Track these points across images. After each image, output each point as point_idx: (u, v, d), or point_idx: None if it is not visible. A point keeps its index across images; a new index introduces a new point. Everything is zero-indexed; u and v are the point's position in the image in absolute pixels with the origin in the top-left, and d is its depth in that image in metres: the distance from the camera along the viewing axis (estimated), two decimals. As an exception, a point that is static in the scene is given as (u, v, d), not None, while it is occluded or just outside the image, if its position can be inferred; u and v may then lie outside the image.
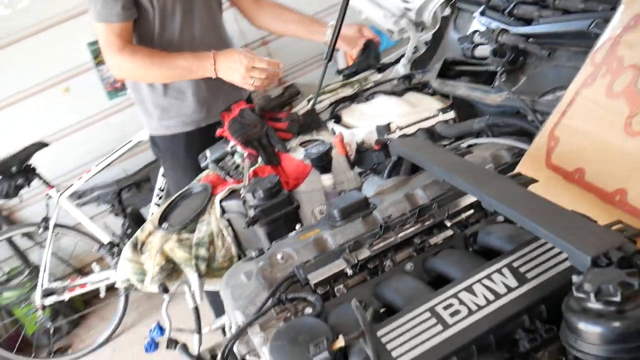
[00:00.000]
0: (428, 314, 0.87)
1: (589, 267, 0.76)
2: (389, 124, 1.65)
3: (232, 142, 1.86)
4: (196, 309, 1.49)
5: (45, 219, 3.03)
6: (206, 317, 1.57)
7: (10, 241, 3.34)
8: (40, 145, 2.94)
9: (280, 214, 1.53)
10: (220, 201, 1.67)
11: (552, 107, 1.25)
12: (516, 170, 1.13)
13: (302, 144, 1.81)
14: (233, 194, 1.69)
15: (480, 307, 0.85)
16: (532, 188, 1.05)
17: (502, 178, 1.00)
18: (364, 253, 1.13)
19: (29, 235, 3.28)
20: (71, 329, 3.59)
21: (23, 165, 2.87)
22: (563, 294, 0.84)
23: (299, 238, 1.24)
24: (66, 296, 3.10)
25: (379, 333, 0.86)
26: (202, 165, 1.87)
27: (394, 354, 0.82)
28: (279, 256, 1.19)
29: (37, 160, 2.98)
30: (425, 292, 0.99)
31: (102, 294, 3.06)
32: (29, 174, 2.92)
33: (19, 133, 3.23)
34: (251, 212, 1.53)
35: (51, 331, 3.32)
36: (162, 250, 1.70)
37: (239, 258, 1.76)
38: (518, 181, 1.00)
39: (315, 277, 1.11)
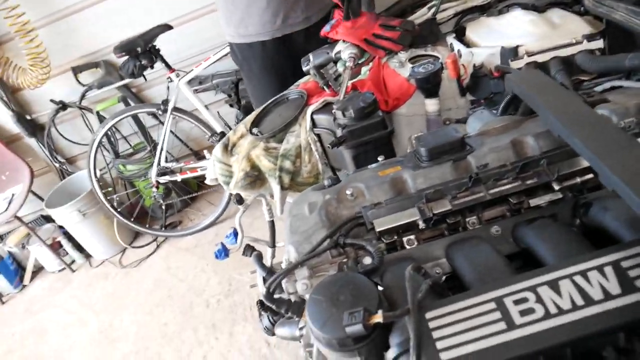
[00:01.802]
0: (493, 305, 0.70)
1: None
2: (517, 47, 1.37)
3: (337, 48, 1.68)
4: (272, 223, 1.44)
5: (165, 102, 3.12)
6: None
7: (136, 118, 3.55)
8: (165, 27, 2.96)
9: (370, 138, 1.37)
10: (312, 113, 1.55)
11: None
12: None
13: (412, 59, 1.59)
14: (327, 106, 1.55)
15: (561, 312, 0.67)
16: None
17: (638, 146, 0.75)
18: (444, 206, 0.96)
19: (153, 114, 3.44)
20: (183, 207, 3.84)
21: (148, 46, 2.93)
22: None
23: (377, 173, 1.09)
24: (178, 177, 3.26)
25: (429, 315, 0.72)
26: (305, 69, 1.73)
27: (439, 345, 0.68)
28: (348, 191, 1.05)
29: (160, 44, 3.03)
30: (502, 271, 0.81)
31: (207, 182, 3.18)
32: (153, 55, 2.98)
33: (145, 15, 3.28)
34: (339, 132, 1.40)
35: (163, 207, 3.57)
36: (248, 156, 1.64)
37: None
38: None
39: (381, 224, 0.97)
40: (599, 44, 1.31)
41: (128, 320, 3.20)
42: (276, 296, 1.03)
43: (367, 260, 0.96)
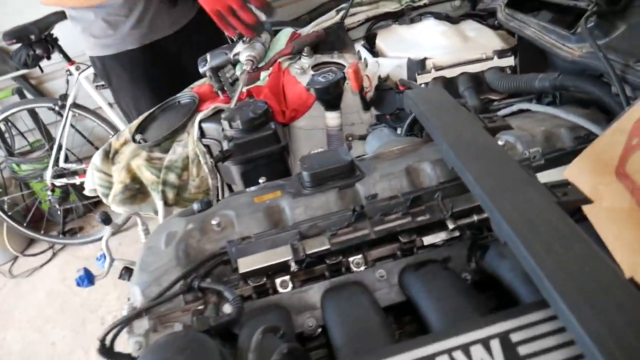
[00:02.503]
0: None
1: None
2: (424, 59, 1.24)
3: (235, 49, 1.51)
4: (148, 246, 1.24)
5: (63, 97, 2.83)
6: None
7: (33, 113, 3.21)
8: (63, 15, 2.67)
9: (260, 153, 1.21)
10: (201, 121, 1.36)
11: (651, 80, 0.83)
12: (566, 173, 0.74)
13: (316, 67, 1.44)
14: (218, 114, 1.37)
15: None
16: (586, 210, 0.67)
17: (537, 189, 0.63)
18: (321, 244, 0.80)
19: (54, 110, 3.13)
20: (85, 212, 3.52)
21: (43, 34, 2.63)
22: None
23: (252, 199, 0.93)
24: (77, 180, 2.97)
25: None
26: (201, 70, 1.54)
27: None
28: (214, 221, 0.88)
29: (59, 33, 2.73)
30: (374, 335, 0.66)
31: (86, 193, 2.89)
32: (50, 44, 2.69)
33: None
34: (225, 145, 1.22)
35: (59, 212, 3.26)
36: (128, 166, 1.43)
37: (222, 192, 1.48)
38: (561, 199, 0.62)
39: (246, 265, 0.81)
40: (509, 61, 1.21)
41: (12, 337, 2.87)
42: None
43: (228, 309, 0.79)
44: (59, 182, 3.00)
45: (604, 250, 0.62)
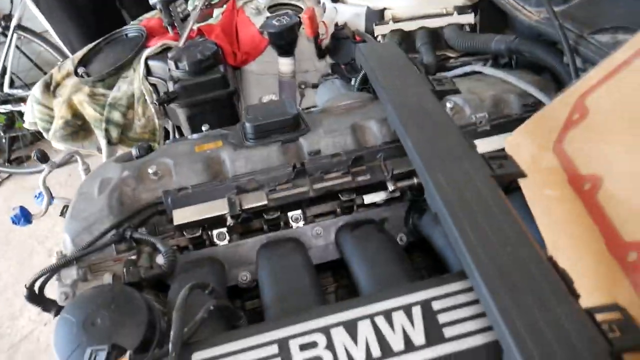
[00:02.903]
0: (275, 350, 0.56)
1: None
2: (383, 10, 1.20)
3: (190, -18, 1.42)
4: (89, 185, 1.20)
5: (7, 17, 2.65)
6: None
7: (-26, 33, 3.00)
8: None
9: (207, 97, 1.17)
10: (147, 58, 1.30)
11: (601, 54, 0.82)
12: (507, 141, 0.74)
13: (272, 7, 1.37)
14: (166, 52, 1.30)
15: (351, 364, 0.53)
16: (521, 182, 0.68)
17: (474, 161, 0.62)
18: (259, 199, 0.79)
19: (-2, 31, 2.93)
20: (33, 140, 3.36)
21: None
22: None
23: (193, 148, 0.90)
24: (23, 108, 2.83)
25: (196, 357, 0.56)
26: (151, 2, 1.45)
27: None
28: (150, 169, 0.85)
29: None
30: (304, 296, 0.67)
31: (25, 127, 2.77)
32: (-8, -41, 2.49)
33: None
34: (171, 86, 1.17)
35: (4, 140, 3.11)
36: (69, 101, 1.36)
37: (169, 133, 1.44)
38: (496, 173, 0.62)
39: (182, 217, 0.79)
40: (469, 18, 1.19)
41: (-47, 266, 2.80)
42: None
43: (162, 260, 0.78)
44: (3, 108, 2.85)
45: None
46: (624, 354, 0.44)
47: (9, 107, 2.86)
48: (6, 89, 2.84)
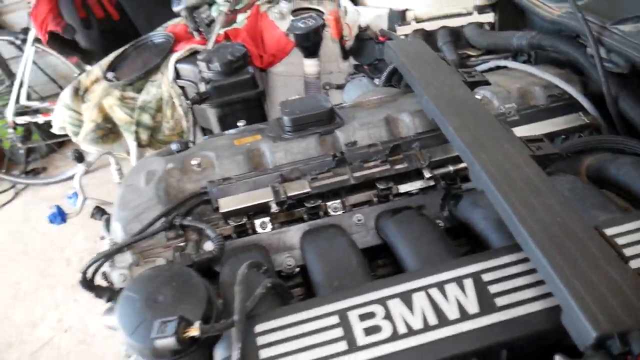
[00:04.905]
0: (335, 320, 0.59)
1: (589, 347, 0.46)
2: (405, 11, 1.25)
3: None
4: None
5: (25, 30, 2.71)
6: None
7: (-9, 46, 3.06)
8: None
9: (237, 97, 1.20)
10: (176, 62, 1.34)
11: (626, 43, 0.86)
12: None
13: (295, 12, 1.42)
14: (194, 55, 1.35)
15: (411, 332, 0.56)
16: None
17: (514, 143, 0.66)
18: (302, 187, 0.83)
19: (15, 45, 2.98)
20: (49, 152, 3.41)
21: (3, -38, 2.49)
22: (535, 344, 0.56)
23: (232, 141, 0.93)
24: (40, 119, 2.88)
25: (259, 328, 0.59)
26: (175, 9, 1.50)
27: (265, 370, 0.55)
28: (194, 161, 0.89)
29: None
30: (354, 274, 0.70)
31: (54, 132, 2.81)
32: (11, -26, 2.55)
33: None
34: (202, 87, 1.21)
35: (21, 151, 3.15)
36: (100, 104, 1.40)
37: (194, 136, 1.47)
38: (535, 153, 0.65)
39: (227, 204, 0.83)
40: (489, 17, 1.23)
41: (-28, 276, 2.83)
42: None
43: (209, 246, 0.81)
44: (21, 120, 2.90)
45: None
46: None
47: (27, 119, 2.90)
48: (23, 101, 2.89)
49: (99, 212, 1.14)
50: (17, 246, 3.02)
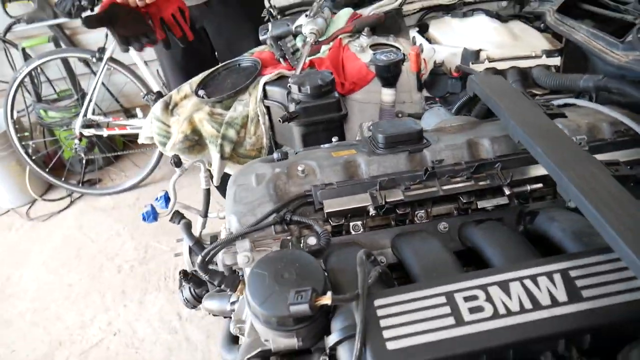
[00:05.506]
0: (443, 299, 0.69)
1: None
2: (479, 51, 1.38)
3: (298, 22, 1.62)
4: (207, 191, 1.37)
5: (101, 50, 2.93)
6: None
7: (66, 62, 3.30)
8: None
9: (323, 118, 1.34)
10: (265, 84, 1.48)
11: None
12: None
13: (373, 46, 1.56)
14: (281, 79, 1.49)
15: (509, 313, 0.66)
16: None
17: (596, 164, 0.77)
18: (397, 195, 0.94)
19: (85, 62, 3.22)
20: (105, 164, 3.63)
21: (90, -14, 2.72)
22: (619, 332, 0.65)
23: (330, 153, 1.06)
24: (104, 132, 3.08)
25: (377, 302, 0.69)
26: (261, 38, 1.66)
27: (385, 334, 0.66)
28: (299, 168, 1.01)
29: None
30: (451, 267, 0.80)
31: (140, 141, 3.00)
32: (94, -4, 2.78)
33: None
34: (292, 107, 1.35)
35: (83, 162, 3.36)
36: (190, 118, 1.55)
37: (270, 152, 1.61)
38: (615, 174, 0.76)
39: (331, 205, 0.94)
40: (556, 60, 1.35)
41: (28, 276, 2.99)
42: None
43: (312, 241, 0.92)
44: (88, 132, 3.10)
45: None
46: None
47: (92, 131, 3.10)
48: (90, 115, 3.09)
49: (178, 216, 1.27)
50: (71, 251, 3.18)
